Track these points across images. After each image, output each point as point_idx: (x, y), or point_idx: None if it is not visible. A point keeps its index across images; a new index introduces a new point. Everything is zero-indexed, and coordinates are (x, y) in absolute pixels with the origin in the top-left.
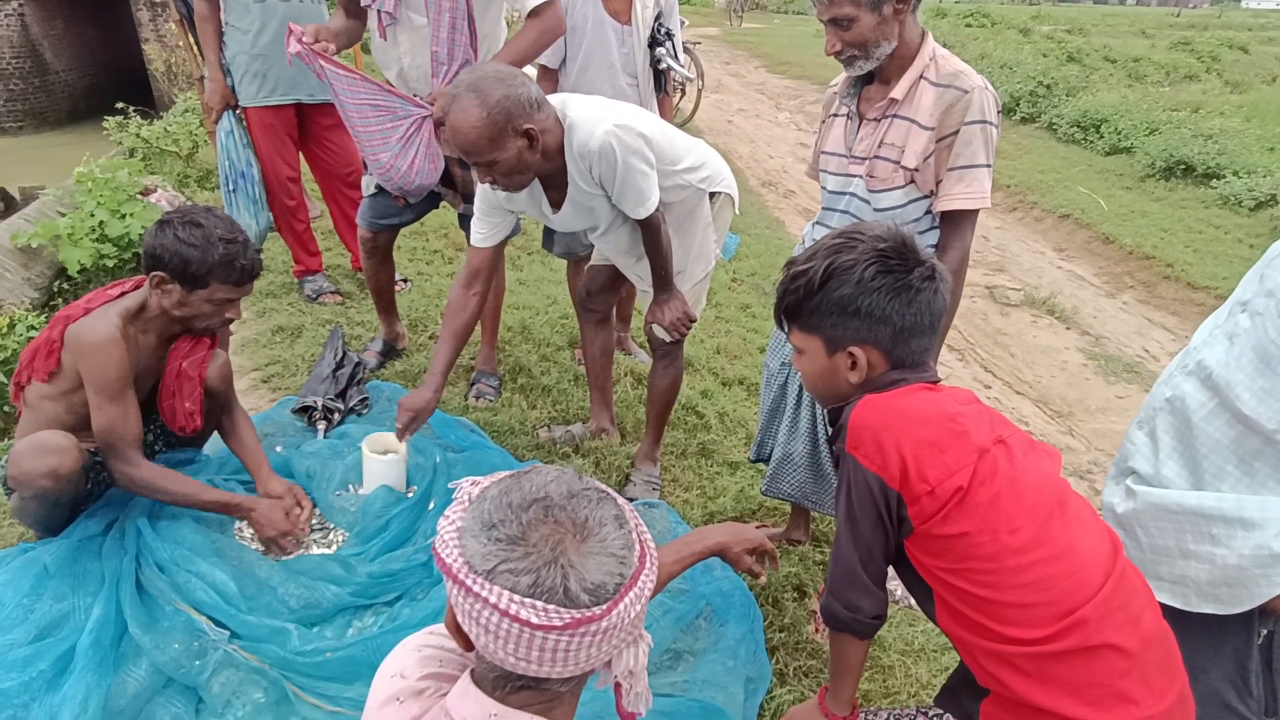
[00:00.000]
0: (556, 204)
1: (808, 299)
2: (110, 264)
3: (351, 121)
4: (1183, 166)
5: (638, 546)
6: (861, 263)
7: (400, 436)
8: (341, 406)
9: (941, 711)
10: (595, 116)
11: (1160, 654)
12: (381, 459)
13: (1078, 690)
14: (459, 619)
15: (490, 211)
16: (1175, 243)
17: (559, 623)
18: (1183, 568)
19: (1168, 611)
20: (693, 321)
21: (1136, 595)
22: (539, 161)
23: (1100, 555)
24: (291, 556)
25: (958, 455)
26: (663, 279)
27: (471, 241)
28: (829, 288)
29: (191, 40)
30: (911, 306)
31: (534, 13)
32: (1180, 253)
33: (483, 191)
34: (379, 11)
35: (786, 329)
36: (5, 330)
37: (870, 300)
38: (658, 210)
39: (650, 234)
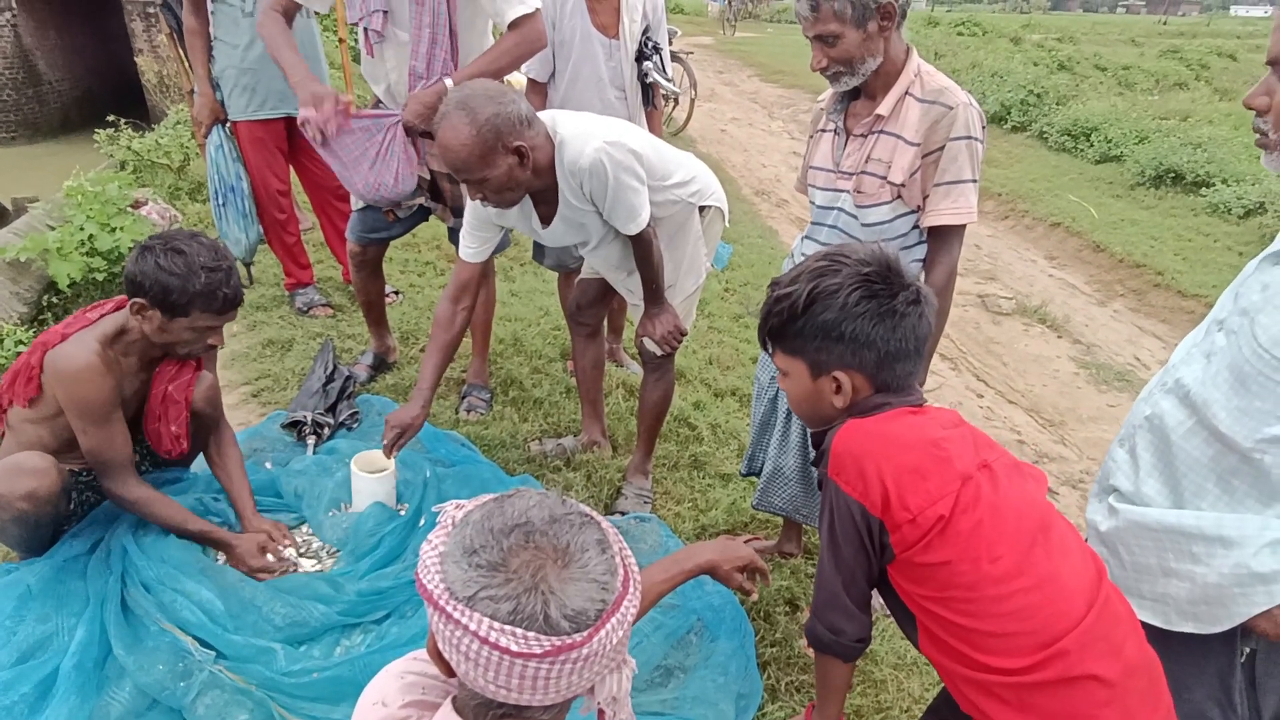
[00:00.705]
0: (546, 219)
1: (791, 323)
2: (100, 278)
3: (333, 151)
4: (1172, 175)
5: (621, 571)
6: (846, 287)
7: (387, 453)
8: (331, 421)
9: None
10: (586, 133)
11: (1143, 683)
12: (370, 476)
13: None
14: (440, 645)
15: (480, 226)
16: (1165, 251)
17: (539, 650)
18: (1164, 586)
19: (1151, 631)
20: (684, 335)
21: (1120, 623)
22: (529, 178)
23: (1083, 583)
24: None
25: (940, 483)
26: (654, 293)
27: (460, 255)
28: (813, 312)
29: (181, 53)
30: (896, 331)
31: (514, 25)
32: (1170, 261)
33: (473, 207)
34: (366, 30)
35: (770, 351)
36: None
37: (854, 325)
38: (649, 225)
39: (641, 249)
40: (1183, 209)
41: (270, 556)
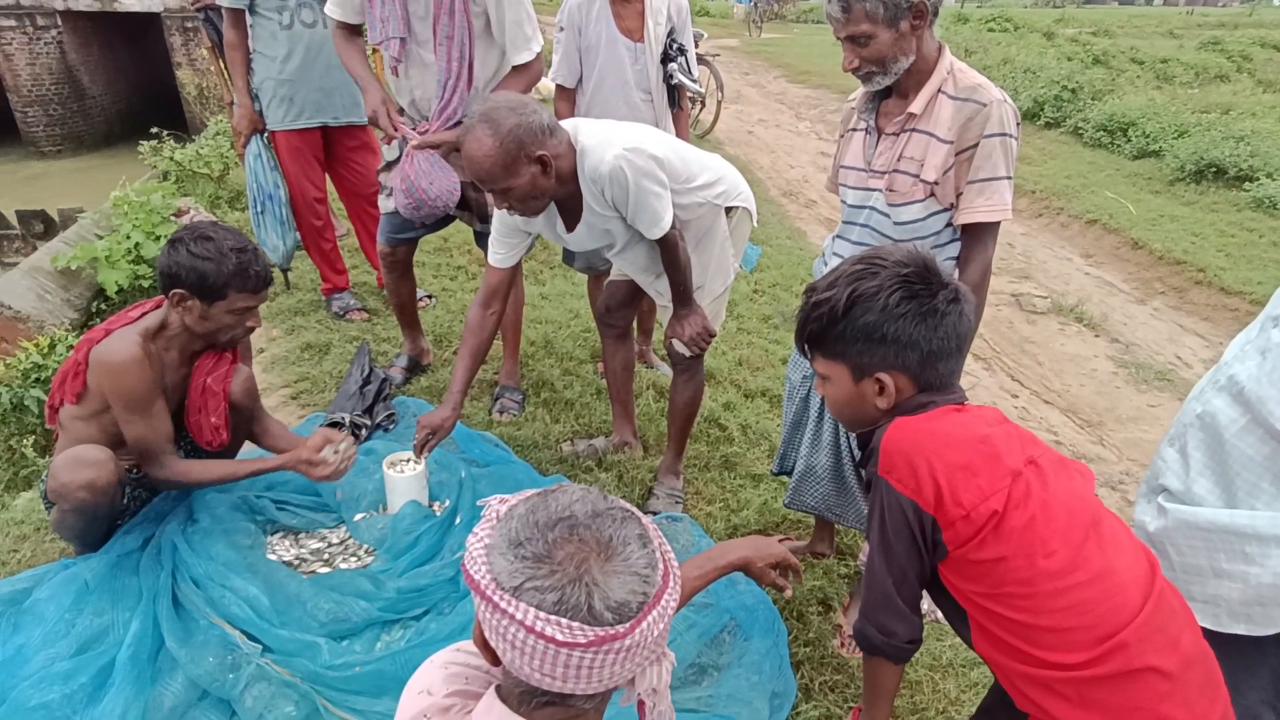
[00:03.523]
0: (571, 226)
1: (831, 327)
2: (146, 284)
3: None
4: (1214, 169)
5: (661, 565)
6: (885, 289)
7: (417, 453)
8: (368, 422)
9: None
10: (605, 141)
11: (1201, 675)
12: (402, 476)
13: (1119, 715)
14: (486, 634)
15: (508, 233)
16: (1207, 247)
17: (583, 640)
18: (1215, 587)
19: (1203, 632)
20: (712, 336)
21: (1175, 616)
22: (553, 187)
23: (1138, 576)
24: (325, 572)
25: (991, 478)
26: (682, 295)
27: (489, 262)
28: (853, 315)
29: (222, 66)
30: (938, 330)
31: (518, 68)
32: (1212, 257)
33: (500, 214)
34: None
35: (810, 356)
36: (46, 350)
37: (896, 326)
38: (674, 228)
39: (668, 251)
40: (1225, 204)
41: (330, 451)
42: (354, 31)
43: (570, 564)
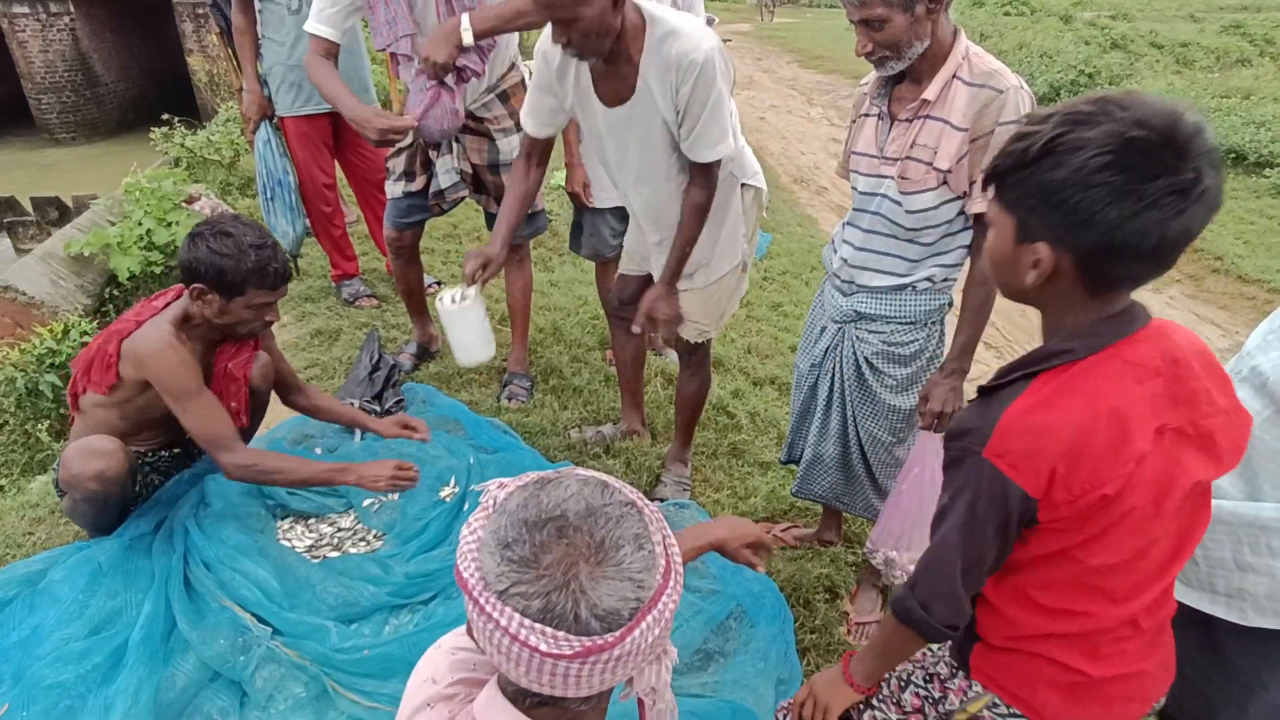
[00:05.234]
0: (609, 101)
1: (1017, 169)
2: (157, 271)
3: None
4: (1233, 155)
5: (662, 563)
6: (1093, 145)
7: (469, 281)
8: (378, 408)
9: (940, 653)
10: (701, 31)
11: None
12: (456, 307)
13: (1049, 588)
14: (474, 635)
15: (540, 101)
16: (1225, 234)
17: (569, 651)
18: (1239, 581)
19: (1227, 626)
20: (678, 325)
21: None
22: (614, 33)
23: (1145, 604)
24: (334, 556)
25: (1113, 464)
26: (674, 269)
27: (525, 129)
28: (1042, 165)
29: (231, 52)
30: (1135, 220)
31: None
32: (1230, 245)
33: (533, 85)
34: (395, 54)
35: (987, 192)
36: (60, 336)
37: (1082, 196)
38: (714, 174)
39: (691, 198)
40: (1244, 191)
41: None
42: (330, 51)
43: (558, 569)
